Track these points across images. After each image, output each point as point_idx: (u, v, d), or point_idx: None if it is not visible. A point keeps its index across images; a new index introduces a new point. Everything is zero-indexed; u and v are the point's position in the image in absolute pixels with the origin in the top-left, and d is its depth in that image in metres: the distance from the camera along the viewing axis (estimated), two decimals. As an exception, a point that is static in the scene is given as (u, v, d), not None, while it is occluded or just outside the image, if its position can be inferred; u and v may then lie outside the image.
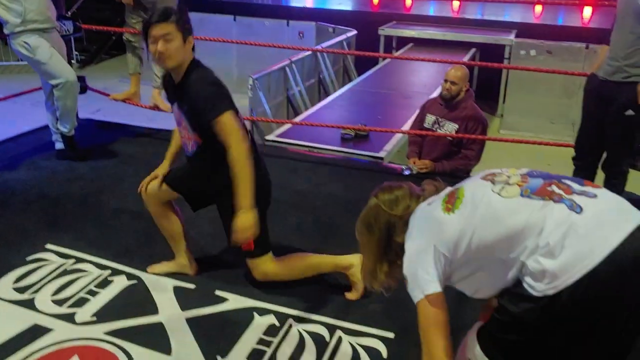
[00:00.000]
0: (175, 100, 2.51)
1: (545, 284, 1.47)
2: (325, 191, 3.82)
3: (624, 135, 3.07)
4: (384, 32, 8.79)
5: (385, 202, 1.82)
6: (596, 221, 1.47)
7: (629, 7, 2.88)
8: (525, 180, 1.61)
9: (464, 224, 1.60)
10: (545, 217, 1.50)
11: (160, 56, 2.33)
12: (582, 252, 1.44)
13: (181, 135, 2.58)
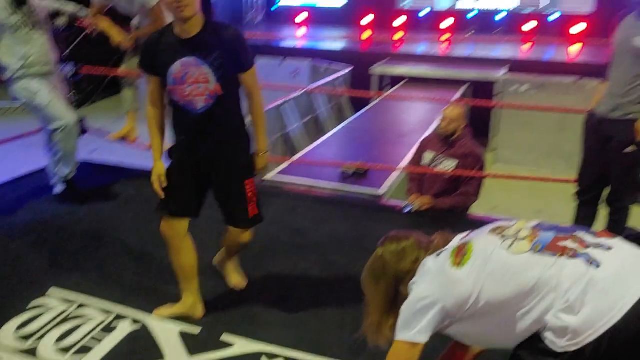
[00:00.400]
0: (185, 55, 2.44)
1: (567, 340, 1.46)
2: (326, 230, 3.81)
3: (626, 172, 3.10)
4: (376, 71, 8.93)
5: (392, 254, 1.79)
6: (615, 276, 1.47)
7: (626, 46, 2.95)
8: (536, 234, 1.60)
9: (472, 280, 1.58)
10: (560, 274, 1.49)
11: (179, 5, 2.32)
12: (603, 308, 1.43)
13: (185, 94, 2.48)
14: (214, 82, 2.46)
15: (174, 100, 2.53)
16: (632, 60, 2.94)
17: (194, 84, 2.45)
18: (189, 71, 2.43)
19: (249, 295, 3.01)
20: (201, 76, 2.45)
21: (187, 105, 2.51)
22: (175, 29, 2.45)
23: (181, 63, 2.43)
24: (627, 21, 3.01)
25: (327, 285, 3.13)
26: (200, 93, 2.47)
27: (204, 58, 2.43)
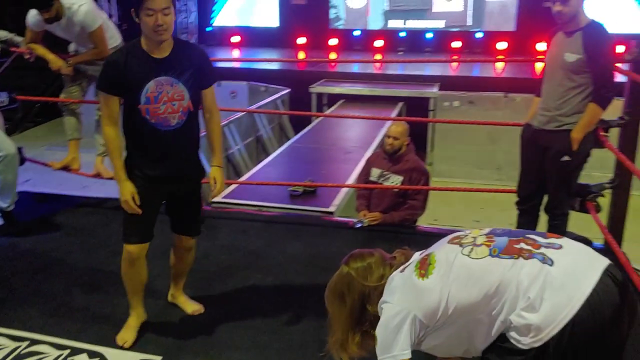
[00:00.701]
0: (160, 74, 2.48)
1: (531, 337, 1.54)
2: (280, 249, 3.82)
3: (562, 180, 3.29)
4: (315, 90, 9.07)
5: (358, 271, 1.80)
6: (568, 271, 1.57)
7: (557, 62, 3.15)
8: (491, 239, 1.69)
9: (439, 288, 1.64)
10: (519, 274, 1.58)
11: (159, 29, 2.39)
12: (561, 303, 1.53)
13: (159, 112, 2.51)
14: (187, 99, 2.54)
15: (143, 119, 2.52)
16: (563, 75, 3.14)
17: (168, 102, 2.51)
18: (164, 90, 2.49)
19: (208, 320, 2.97)
20: (176, 94, 2.51)
21: (160, 123, 2.53)
22: (145, 48, 2.48)
23: (155, 82, 2.48)
24: (558, 38, 3.21)
25: (286, 305, 3.13)
26: (175, 110, 2.53)
27: (178, 76, 2.51)
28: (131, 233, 2.68)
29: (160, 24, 2.39)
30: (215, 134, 2.77)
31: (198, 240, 2.98)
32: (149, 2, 2.38)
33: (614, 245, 3.22)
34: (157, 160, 2.61)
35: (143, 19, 2.40)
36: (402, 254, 1.87)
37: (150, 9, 2.37)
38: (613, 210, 3.59)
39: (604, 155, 3.53)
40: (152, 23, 2.39)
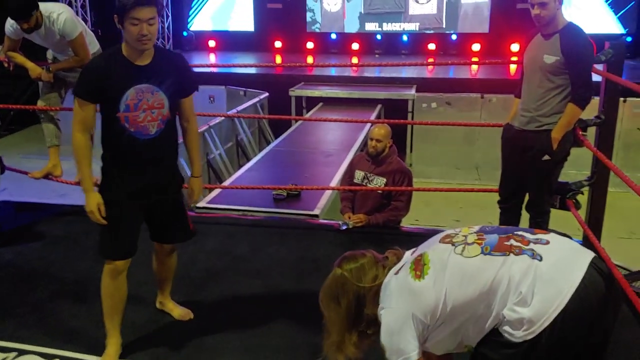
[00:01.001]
0: (140, 82, 2.45)
1: (523, 330, 1.60)
2: (266, 253, 3.83)
3: (543, 179, 3.36)
4: (294, 93, 9.10)
5: (352, 273, 1.82)
6: (556, 266, 1.63)
7: (536, 64, 3.23)
8: (482, 237, 1.74)
9: (436, 288, 1.68)
10: (511, 270, 1.63)
11: (143, 39, 2.36)
12: (551, 296, 1.59)
13: (138, 121, 2.46)
14: (167, 107, 2.52)
15: (121, 128, 2.47)
16: (542, 76, 3.21)
17: (148, 110, 2.47)
18: (144, 97, 2.46)
19: (197, 326, 2.97)
20: (156, 102, 2.48)
21: (139, 132, 2.48)
22: (127, 54, 2.45)
23: (136, 89, 2.44)
24: (536, 40, 3.29)
25: (274, 309, 3.15)
26: (154, 118, 2.49)
27: (159, 84, 2.48)
28: (115, 248, 2.61)
29: (145, 34, 2.35)
30: (193, 143, 2.77)
31: (185, 246, 2.98)
32: (135, 12, 2.33)
33: (593, 240, 3.30)
34: (136, 171, 2.56)
35: (127, 28, 2.36)
36: (393, 254, 1.90)
37: (135, 19, 2.33)
38: (592, 206, 3.68)
39: (581, 153, 3.62)
40: (137, 33, 2.35)
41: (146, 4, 2.34)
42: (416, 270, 1.74)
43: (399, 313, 1.72)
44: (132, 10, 2.33)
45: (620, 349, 2.76)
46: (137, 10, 2.33)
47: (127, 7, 2.33)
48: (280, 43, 12.58)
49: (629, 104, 7.90)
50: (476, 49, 11.83)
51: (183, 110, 2.66)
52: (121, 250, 2.61)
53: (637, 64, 10.88)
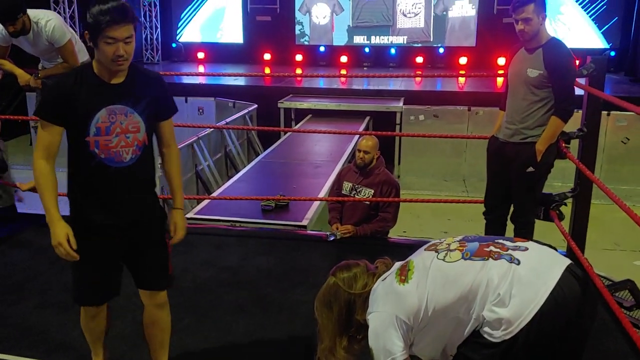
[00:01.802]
0: (113, 102, 2.16)
1: (502, 330, 1.66)
2: (254, 264, 3.84)
3: (527, 190, 3.42)
4: (283, 105, 9.14)
5: (344, 281, 1.92)
6: (534, 269, 1.71)
7: (520, 77, 3.29)
8: (464, 245, 1.82)
9: (419, 291, 1.76)
10: (489, 274, 1.70)
11: (119, 60, 2.09)
12: (528, 297, 1.66)
13: (110, 146, 2.17)
14: (143, 131, 2.23)
15: (90, 154, 2.17)
16: (527, 90, 3.28)
17: (122, 134, 2.18)
18: (117, 120, 2.17)
19: (186, 337, 2.98)
20: (130, 125, 2.19)
21: (111, 159, 2.19)
22: (98, 72, 2.17)
23: (108, 110, 2.15)
24: (520, 54, 3.36)
25: (263, 319, 3.16)
26: (129, 144, 2.20)
27: (133, 105, 2.19)
28: (86, 294, 2.37)
29: (121, 54, 2.08)
30: (174, 172, 2.42)
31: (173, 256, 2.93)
32: (111, 30, 2.04)
33: (577, 251, 3.36)
34: (108, 205, 2.24)
35: (101, 48, 2.07)
36: (383, 264, 1.99)
37: (111, 38, 2.05)
38: (575, 218, 3.74)
39: (566, 165, 3.69)
40: (112, 53, 2.07)
41: (123, 22, 2.06)
42: (401, 275, 1.82)
43: (385, 316, 1.78)
44: (107, 29, 2.04)
45: (603, 357, 2.81)
46: (113, 28, 2.04)
47: (102, 25, 2.03)
48: (269, 55, 12.64)
49: (613, 117, 8.03)
50: (463, 62, 11.97)
51: (162, 135, 2.36)
52: (94, 296, 2.37)
53: (621, 78, 11.06)
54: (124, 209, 2.26)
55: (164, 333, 2.54)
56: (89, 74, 2.17)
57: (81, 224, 2.24)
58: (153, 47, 13.15)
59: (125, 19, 2.07)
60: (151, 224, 2.37)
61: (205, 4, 13.16)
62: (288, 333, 3.03)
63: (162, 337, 2.55)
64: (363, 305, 1.88)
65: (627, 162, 8.34)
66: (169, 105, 2.37)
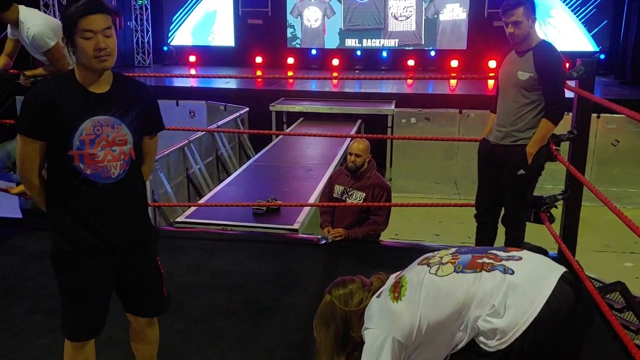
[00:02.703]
0: (98, 113, 2.00)
1: (496, 340, 1.65)
2: (245, 268, 3.82)
3: (518, 193, 3.42)
4: (274, 108, 9.14)
5: (339, 298, 1.92)
6: (528, 279, 1.69)
7: (511, 80, 3.30)
8: (456, 257, 1.81)
9: (413, 309, 1.74)
10: (482, 286, 1.69)
11: (101, 54, 1.93)
12: (523, 307, 1.64)
13: (97, 160, 2.01)
14: (130, 144, 2.07)
15: (74, 170, 2.00)
16: (517, 92, 3.29)
17: (108, 147, 2.02)
18: (103, 132, 2.00)
19: (177, 342, 2.96)
20: (117, 137, 2.03)
21: (97, 174, 2.02)
22: (81, 80, 2.01)
23: (92, 122, 1.99)
24: (510, 57, 3.37)
25: (253, 323, 3.14)
26: (116, 158, 2.04)
27: (120, 117, 2.03)
28: (75, 328, 2.17)
29: (103, 47, 1.92)
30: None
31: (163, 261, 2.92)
32: (85, 22, 1.90)
33: (567, 254, 3.36)
34: (97, 227, 2.05)
35: (80, 44, 1.92)
36: (378, 279, 1.98)
37: (87, 30, 1.91)
38: (566, 220, 3.75)
39: (557, 168, 3.70)
40: (92, 47, 1.92)
41: (97, 11, 1.91)
42: (394, 292, 1.81)
43: (379, 333, 1.77)
44: (80, 21, 1.90)
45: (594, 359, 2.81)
46: (87, 19, 1.90)
47: (75, 17, 1.89)
48: (260, 58, 12.65)
49: (603, 119, 8.09)
50: (454, 65, 12.03)
51: (142, 151, 2.18)
52: (81, 333, 2.19)
53: (611, 81, 11.14)
54: (116, 232, 2.09)
55: (152, 347, 2.45)
56: (70, 81, 2.01)
57: (67, 252, 2.06)
58: (144, 51, 13.11)
59: (100, 9, 1.93)
60: (146, 247, 2.23)
61: (196, 7, 13.16)
62: (280, 337, 3.01)
63: (151, 352, 2.46)
64: (359, 322, 1.87)
65: (617, 164, 8.40)
66: (157, 121, 2.23)
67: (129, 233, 2.14)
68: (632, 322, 3.45)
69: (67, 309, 2.17)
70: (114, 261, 2.13)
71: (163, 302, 2.37)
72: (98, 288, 2.14)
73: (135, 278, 2.23)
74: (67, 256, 2.08)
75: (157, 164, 5.83)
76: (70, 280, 2.10)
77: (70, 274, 2.10)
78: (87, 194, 2.02)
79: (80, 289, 2.11)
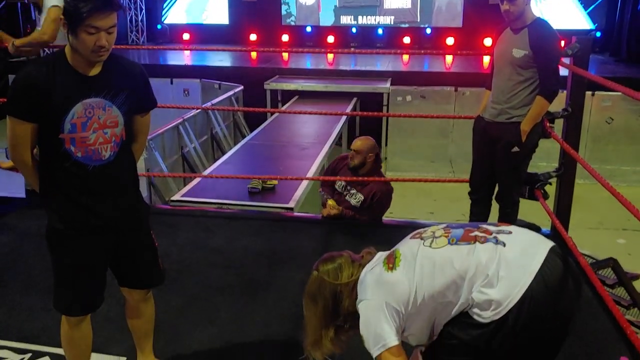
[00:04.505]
0: (89, 95, 2.00)
1: (491, 310, 1.67)
2: (241, 246, 3.84)
3: (512, 170, 3.44)
4: (269, 87, 9.09)
5: (328, 273, 1.91)
6: (520, 250, 1.72)
7: (506, 57, 3.30)
8: (449, 231, 1.83)
9: (407, 278, 1.76)
10: (477, 257, 1.71)
11: (101, 51, 1.95)
12: (516, 277, 1.67)
13: (88, 143, 2.03)
14: (122, 125, 2.10)
15: (66, 153, 2.02)
16: (512, 70, 3.28)
17: (99, 130, 2.03)
18: (94, 114, 2.01)
19: (173, 318, 2.98)
20: (109, 120, 2.05)
21: (88, 157, 2.04)
22: (72, 62, 2.00)
23: (84, 105, 1.99)
24: (505, 34, 3.35)
25: (249, 300, 3.17)
26: (107, 140, 2.06)
27: (111, 98, 2.04)
28: (71, 303, 2.19)
29: (103, 45, 1.93)
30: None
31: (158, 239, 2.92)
32: (94, 19, 1.89)
33: (561, 230, 3.39)
34: (89, 206, 2.09)
35: (82, 37, 1.91)
36: (368, 253, 1.98)
37: (93, 27, 1.90)
38: (559, 197, 3.77)
39: (552, 145, 3.71)
40: (94, 44, 1.92)
41: (108, 10, 1.91)
42: (389, 263, 1.82)
43: (375, 303, 1.78)
44: (89, 18, 1.89)
45: (585, 334, 2.86)
46: (96, 17, 1.89)
47: (84, 14, 1.88)
48: (255, 36, 12.54)
49: (597, 97, 8.09)
50: (450, 42, 11.96)
51: (133, 129, 2.20)
52: (76, 307, 2.21)
53: (606, 59, 11.11)
54: (108, 209, 2.12)
55: (148, 323, 2.48)
56: (62, 64, 1.99)
57: (61, 231, 2.10)
58: (138, 29, 12.98)
59: (110, 7, 1.92)
60: (139, 222, 2.27)
61: (190, -15, 13.01)
62: (276, 313, 3.04)
63: (147, 328, 2.49)
64: (351, 295, 1.87)
65: (611, 142, 8.42)
66: (149, 99, 2.23)
67: (121, 210, 2.17)
68: (623, 297, 3.50)
69: (61, 285, 2.19)
70: (108, 237, 2.16)
71: (159, 274, 2.40)
72: (92, 264, 2.17)
73: (130, 252, 2.26)
74: (60, 234, 2.11)
75: (152, 142, 5.82)
76: (65, 257, 2.13)
77: (64, 251, 2.13)
78: (78, 175, 2.05)
79: (74, 266, 2.14)
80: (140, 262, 2.32)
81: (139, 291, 2.38)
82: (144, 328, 2.48)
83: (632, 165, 8.40)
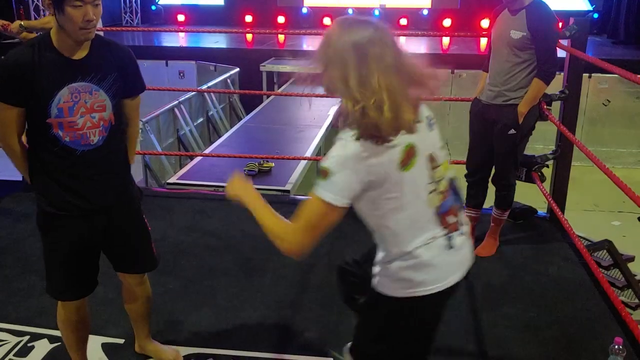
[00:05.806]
0: (75, 79, 1.98)
1: (402, 286, 1.68)
2: (237, 229, 3.84)
3: (509, 152, 3.43)
4: (265, 68, 9.03)
5: None
6: (454, 260, 1.73)
7: (503, 39, 3.27)
8: (446, 195, 1.70)
9: (398, 184, 1.59)
10: (430, 244, 1.66)
11: (88, 25, 1.90)
12: (435, 278, 1.68)
13: (76, 127, 2.00)
14: (110, 109, 2.06)
15: (54, 138, 2.00)
16: (509, 51, 3.25)
17: (87, 114, 2.01)
18: (81, 98, 1.99)
19: (171, 301, 3.00)
20: (96, 104, 2.02)
21: (76, 142, 2.02)
22: (57, 45, 1.96)
23: (70, 89, 1.97)
24: (503, 16, 3.32)
25: (246, 283, 3.19)
26: (95, 124, 2.03)
27: (98, 82, 2.02)
28: (63, 288, 2.21)
29: (91, 18, 1.89)
30: (131, 149, 2.30)
31: (155, 222, 2.90)
32: None
33: (557, 212, 3.41)
34: (79, 191, 2.08)
35: (68, 13, 1.87)
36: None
37: (79, 0, 1.87)
38: (556, 179, 3.78)
39: (546, 127, 3.71)
40: (82, 18, 1.87)
41: None
42: (407, 159, 1.61)
43: (355, 154, 1.56)
44: None
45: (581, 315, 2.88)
46: None
47: None
48: (250, 17, 12.43)
49: (594, 79, 8.06)
50: (447, 24, 11.88)
51: (124, 113, 2.19)
52: (69, 292, 2.21)
53: (604, 41, 11.07)
54: (97, 194, 2.11)
55: (145, 306, 2.50)
56: (47, 48, 1.96)
57: (52, 216, 2.10)
58: (132, 10, 12.84)
59: None
60: (130, 206, 2.27)
61: (184, -35, 12.85)
62: (273, 295, 3.06)
63: (144, 311, 2.51)
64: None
65: (608, 125, 8.43)
66: (137, 82, 2.21)
67: (111, 194, 2.16)
68: (618, 279, 3.53)
69: (52, 269, 2.19)
70: (99, 221, 2.16)
71: (152, 259, 2.39)
72: (83, 248, 2.16)
73: (122, 236, 2.26)
74: (51, 218, 2.11)
75: (147, 125, 5.80)
76: (55, 241, 2.13)
77: (55, 235, 2.13)
78: (67, 160, 2.03)
79: (65, 250, 2.13)
80: (133, 247, 2.31)
81: (134, 275, 2.38)
82: (140, 311, 2.50)
83: (628, 147, 8.42)
